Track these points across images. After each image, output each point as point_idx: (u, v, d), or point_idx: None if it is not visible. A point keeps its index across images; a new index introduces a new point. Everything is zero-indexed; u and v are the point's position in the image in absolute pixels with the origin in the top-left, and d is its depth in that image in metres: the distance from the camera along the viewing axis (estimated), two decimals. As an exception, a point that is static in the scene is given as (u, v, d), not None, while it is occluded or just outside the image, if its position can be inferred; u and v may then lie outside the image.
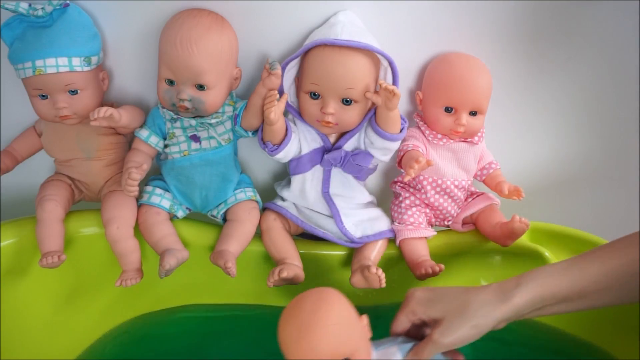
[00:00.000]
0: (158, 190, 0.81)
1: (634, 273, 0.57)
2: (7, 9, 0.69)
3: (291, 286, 0.79)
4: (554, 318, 0.83)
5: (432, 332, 0.60)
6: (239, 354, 0.81)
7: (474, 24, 0.81)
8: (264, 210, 0.84)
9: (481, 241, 0.85)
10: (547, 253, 0.82)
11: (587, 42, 0.84)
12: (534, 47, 0.84)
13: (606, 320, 0.80)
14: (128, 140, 0.83)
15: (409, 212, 0.84)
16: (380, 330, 0.83)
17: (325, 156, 0.80)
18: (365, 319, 0.61)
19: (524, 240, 0.84)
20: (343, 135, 0.81)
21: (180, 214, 0.82)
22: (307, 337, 0.55)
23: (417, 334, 0.65)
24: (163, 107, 0.78)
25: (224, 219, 0.83)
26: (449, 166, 0.84)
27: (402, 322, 0.64)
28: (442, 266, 0.77)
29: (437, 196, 0.84)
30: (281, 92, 0.76)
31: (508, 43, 0.83)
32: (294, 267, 0.77)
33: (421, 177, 0.84)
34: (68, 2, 0.71)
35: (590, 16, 0.82)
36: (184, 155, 0.79)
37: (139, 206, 0.80)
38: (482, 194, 0.86)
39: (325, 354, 0.55)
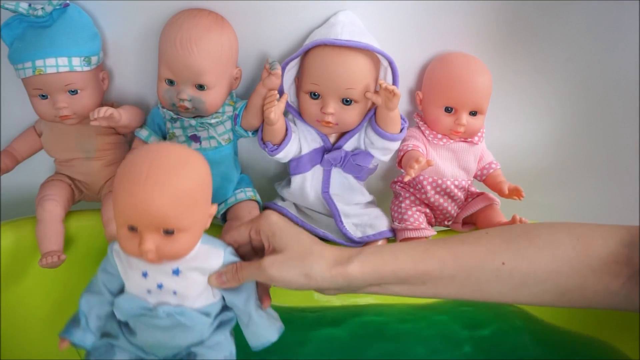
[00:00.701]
0: (158, 190, 0.81)
1: (480, 266, 0.55)
2: (7, 9, 0.69)
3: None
4: (553, 311, 0.84)
5: (263, 258, 0.57)
6: (239, 355, 0.81)
7: (474, 24, 0.81)
8: (264, 210, 0.84)
9: (481, 241, 0.85)
10: (547, 253, 0.82)
11: (587, 42, 0.84)
12: (534, 47, 0.84)
13: (608, 313, 0.80)
14: (128, 140, 0.83)
15: (409, 212, 0.84)
16: (381, 331, 0.83)
17: (325, 156, 0.80)
18: (214, 208, 0.58)
19: (524, 240, 0.84)
20: (343, 135, 0.81)
21: (180, 214, 0.82)
22: (152, 186, 0.51)
23: (245, 253, 0.62)
24: (163, 107, 0.78)
25: (224, 219, 0.83)
26: (449, 166, 0.84)
27: (241, 234, 0.62)
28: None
29: (437, 196, 0.84)
30: (281, 92, 0.76)
31: (507, 43, 0.83)
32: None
33: (421, 177, 0.84)
34: (68, 2, 0.71)
35: (590, 16, 0.82)
36: (184, 155, 0.79)
37: (139, 206, 0.79)
38: (482, 194, 0.86)
39: (157, 211, 0.52)
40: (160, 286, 0.57)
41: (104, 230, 0.76)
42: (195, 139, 0.79)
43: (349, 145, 0.81)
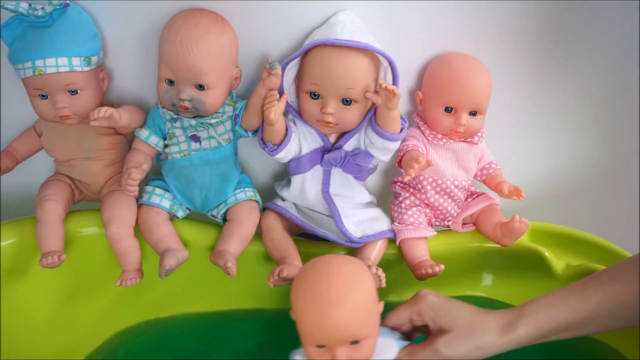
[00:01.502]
0: (158, 190, 0.81)
1: (635, 298, 0.58)
2: (7, 9, 0.69)
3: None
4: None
5: (435, 339, 0.60)
6: (239, 356, 0.82)
7: (474, 24, 0.81)
8: (264, 210, 0.84)
9: (481, 241, 0.85)
10: (547, 253, 0.82)
11: (587, 41, 0.84)
12: (534, 47, 0.84)
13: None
14: (128, 140, 0.83)
15: (409, 212, 0.84)
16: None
17: (325, 156, 0.80)
18: (381, 306, 0.60)
19: (524, 240, 0.84)
20: (343, 135, 0.81)
21: (180, 214, 0.82)
22: (337, 308, 0.54)
23: (407, 333, 0.65)
24: (163, 107, 0.78)
25: (224, 219, 0.83)
26: (449, 166, 0.84)
27: (401, 317, 0.64)
28: (442, 266, 0.77)
29: (437, 196, 0.84)
30: (281, 92, 0.76)
31: (508, 43, 0.83)
32: (294, 267, 0.77)
33: (421, 177, 0.84)
34: (68, 2, 0.71)
35: (590, 16, 0.82)
36: (184, 155, 0.79)
37: (139, 206, 0.80)
38: (482, 194, 0.86)
39: (345, 330, 0.54)
40: None
41: (104, 230, 0.76)
42: (195, 139, 0.79)
43: (349, 145, 0.81)
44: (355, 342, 0.56)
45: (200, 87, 0.73)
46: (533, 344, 0.61)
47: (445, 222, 0.88)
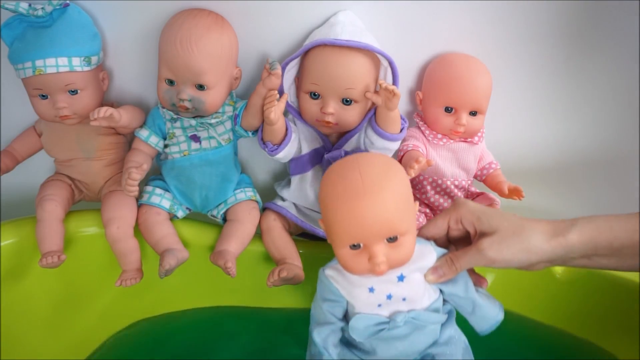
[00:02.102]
0: (158, 190, 0.81)
1: None
2: (7, 9, 0.69)
3: (291, 286, 0.79)
4: (556, 316, 0.84)
5: (479, 240, 0.56)
6: (239, 356, 0.81)
7: (474, 24, 0.81)
8: (264, 210, 0.84)
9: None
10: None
11: (587, 41, 0.84)
12: (534, 47, 0.84)
13: (607, 320, 0.80)
14: (128, 140, 0.83)
15: (409, 212, 0.84)
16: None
17: (326, 156, 0.80)
18: (416, 205, 0.57)
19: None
20: (343, 135, 0.81)
21: (180, 214, 0.82)
22: (373, 197, 0.51)
23: (443, 246, 0.61)
24: (163, 107, 0.78)
25: (224, 219, 0.83)
26: (449, 166, 0.84)
27: (439, 227, 0.61)
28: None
29: (437, 196, 0.84)
30: (281, 92, 0.76)
31: (508, 43, 0.83)
32: (293, 267, 0.77)
33: (421, 177, 0.84)
34: (68, 2, 0.71)
35: (590, 16, 0.82)
36: (184, 155, 0.79)
37: (139, 206, 0.80)
38: (482, 194, 0.86)
39: (384, 222, 0.51)
40: (389, 297, 0.56)
41: (104, 230, 0.76)
42: (195, 139, 0.79)
43: (349, 145, 0.81)
44: (393, 240, 0.53)
45: (200, 87, 0.73)
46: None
47: (445, 222, 0.87)
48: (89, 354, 0.82)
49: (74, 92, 0.73)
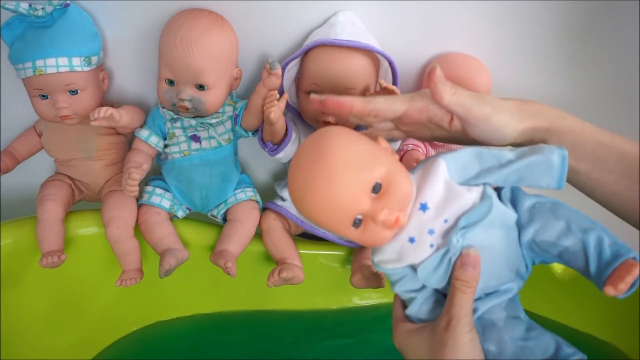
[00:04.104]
0: (158, 190, 0.81)
1: None
2: (7, 9, 0.69)
3: (291, 286, 0.79)
4: (556, 310, 0.83)
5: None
6: (239, 356, 0.82)
7: (474, 24, 0.81)
8: (264, 210, 0.84)
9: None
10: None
11: (587, 41, 0.84)
12: (534, 47, 0.84)
13: (608, 313, 0.81)
14: (128, 140, 0.83)
15: (409, 212, 0.84)
16: (380, 331, 0.83)
17: (325, 156, 0.80)
18: (383, 141, 0.53)
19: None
20: (343, 135, 0.81)
21: (180, 214, 0.82)
22: (312, 187, 0.48)
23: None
24: (163, 107, 0.78)
25: (224, 219, 0.83)
26: (449, 166, 0.83)
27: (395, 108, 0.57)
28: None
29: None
30: (281, 92, 0.76)
31: (508, 43, 0.83)
32: (293, 267, 0.77)
33: (421, 177, 0.84)
34: (68, 2, 0.71)
35: (590, 16, 0.82)
36: (184, 155, 0.79)
37: (139, 206, 0.80)
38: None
39: (344, 193, 0.48)
40: (431, 231, 0.50)
41: (104, 230, 0.76)
42: (195, 139, 0.79)
43: (349, 145, 0.81)
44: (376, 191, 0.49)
45: (200, 87, 0.73)
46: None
47: (445, 222, 0.87)
48: (89, 354, 0.82)
49: (74, 92, 0.73)
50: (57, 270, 0.75)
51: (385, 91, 0.71)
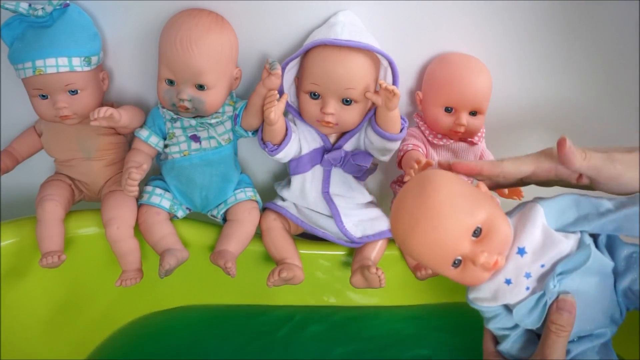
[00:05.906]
0: (158, 190, 0.81)
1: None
2: (7, 9, 0.69)
3: (292, 286, 0.79)
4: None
5: None
6: (239, 355, 0.81)
7: (474, 24, 0.81)
8: (264, 210, 0.84)
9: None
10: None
11: (587, 41, 0.84)
12: (534, 47, 0.84)
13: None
14: (128, 140, 0.83)
15: (409, 212, 0.84)
16: (380, 331, 0.83)
17: (325, 156, 0.80)
18: (482, 186, 0.56)
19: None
20: (343, 135, 0.81)
21: (180, 214, 0.82)
22: (417, 228, 0.50)
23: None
24: (163, 107, 0.78)
25: (224, 219, 0.83)
26: (449, 166, 0.83)
27: (523, 170, 0.58)
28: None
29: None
30: (281, 92, 0.76)
31: (508, 43, 0.83)
32: (293, 267, 0.77)
33: (421, 177, 0.84)
34: (68, 2, 0.71)
35: (590, 16, 0.82)
36: (184, 155, 0.79)
37: (139, 206, 0.80)
38: (482, 193, 0.86)
39: (447, 236, 0.50)
40: (528, 275, 0.52)
41: (104, 230, 0.76)
42: (195, 139, 0.79)
43: (348, 145, 0.81)
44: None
45: (200, 87, 0.73)
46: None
47: (445, 222, 0.87)
48: (89, 354, 0.82)
49: (74, 92, 0.73)
50: (57, 271, 0.75)
51: (385, 91, 0.71)
